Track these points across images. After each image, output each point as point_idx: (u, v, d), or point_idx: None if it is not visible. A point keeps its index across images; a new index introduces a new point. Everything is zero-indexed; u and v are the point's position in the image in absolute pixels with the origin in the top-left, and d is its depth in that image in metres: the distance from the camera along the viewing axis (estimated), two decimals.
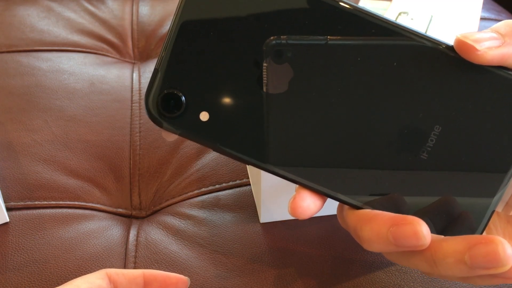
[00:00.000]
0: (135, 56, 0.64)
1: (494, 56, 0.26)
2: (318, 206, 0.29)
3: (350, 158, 0.29)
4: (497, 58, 0.27)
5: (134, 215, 0.44)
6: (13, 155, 0.45)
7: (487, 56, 0.26)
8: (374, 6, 0.68)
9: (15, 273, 0.36)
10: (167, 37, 0.28)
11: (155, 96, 0.28)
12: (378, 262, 0.37)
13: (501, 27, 0.28)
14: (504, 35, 0.27)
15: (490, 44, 0.27)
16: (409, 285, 0.35)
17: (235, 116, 0.28)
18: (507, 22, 0.28)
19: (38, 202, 0.42)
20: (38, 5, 0.67)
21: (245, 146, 0.29)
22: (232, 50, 0.28)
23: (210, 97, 0.28)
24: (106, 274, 0.29)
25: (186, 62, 0.28)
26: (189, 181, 0.45)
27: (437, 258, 0.26)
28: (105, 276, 0.29)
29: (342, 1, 0.28)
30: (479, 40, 0.27)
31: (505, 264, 0.24)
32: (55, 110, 0.50)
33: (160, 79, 0.28)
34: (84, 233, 0.40)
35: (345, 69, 0.28)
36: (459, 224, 0.29)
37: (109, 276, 0.29)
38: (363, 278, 0.36)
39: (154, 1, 0.71)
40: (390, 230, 0.26)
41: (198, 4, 0.28)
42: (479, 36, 0.27)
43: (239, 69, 0.28)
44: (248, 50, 0.28)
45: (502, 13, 0.72)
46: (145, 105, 0.29)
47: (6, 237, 0.39)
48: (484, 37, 0.27)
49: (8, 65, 0.56)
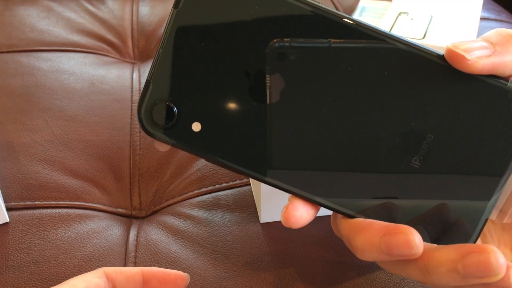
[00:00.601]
0: (135, 56, 0.64)
1: (484, 65, 0.27)
2: (311, 215, 0.29)
3: (343, 167, 0.29)
4: (487, 67, 0.27)
5: (134, 215, 0.44)
6: (13, 155, 0.45)
7: (478, 66, 0.27)
8: (374, 6, 0.68)
9: (15, 273, 0.36)
10: (158, 48, 0.28)
11: (148, 107, 0.29)
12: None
13: (492, 36, 0.28)
14: (495, 44, 0.27)
15: (481, 54, 0.27)
16: (409, 285, 0.35)
17: (227, 126, 0.29)
18: (498, 30, 0.28)
19: (38, 202, 0.42)
20: (38, 5, 0.67)
21: (237, 156, 0.29)
22: (223, 61, 0.28)
23: (202, 108, 0.29)
24: (104, 272, 0.29)
25: (177, 73, 0.28)
26: (189, 181, 0.45)
27: (430, 267, 0.26)
28: (103, 275, 0.29)
29: (335, 13, 0.28)
30: (470, 49, 0.27)
31: (497, 273, 0.24)
32: (55, 110, 0.51)
33: (151, 90, 0.28)
34: (84, 233, 0.40)
35: (337, 78, 0.28)
36: (453, 232, 0.29)
37: (107, 275, 0.29)
38: (363, 278, 0.36)
39: (154, 1, 0.71)
40: (383, 239, 0.26)
41: (189, 15, 0.28)
42: (469, 45, 0.27)
43: (229, 80, 0.28)
44: (239, 60, 0.28)
45: (502, 13, 0.72)
46: (137, 116, 0.29)
47: (6, 237, 0.39)
48: (474, 46, 0.27)
49: (8, 65, 0.56)
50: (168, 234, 0.40)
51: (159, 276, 0.30)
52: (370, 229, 0.27)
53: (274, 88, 0.28)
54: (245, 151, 0.29)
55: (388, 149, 0.28)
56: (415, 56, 0.28)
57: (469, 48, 0.27)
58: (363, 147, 0.28)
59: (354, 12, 0.67)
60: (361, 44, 0.28)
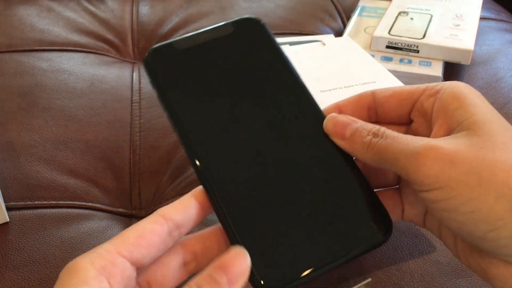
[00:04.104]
0: (135, 55, 0.64)
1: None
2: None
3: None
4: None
5: (134, 214, 0.44)
6: (13, 155, 0.45)
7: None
8: (374, 6, 0.68)
9: (15, 272, 0.36)
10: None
11: None
12: (378, 262, 0.37)
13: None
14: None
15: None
16: (408, 284, 0.35)
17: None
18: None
19: (38, 202, 0.42)
20: (38, 4, 0.67)
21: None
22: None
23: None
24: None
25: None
26: (189, 181, 0.45)
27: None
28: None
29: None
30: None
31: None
32: (55, 110, 0.51)
33: None
34: (84, 232, 0.40)
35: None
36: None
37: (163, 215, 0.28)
38: (362, 278, 0.36)
39: (154, 1, 0.71)
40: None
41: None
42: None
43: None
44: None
45: (502, 12, 0.72)
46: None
47: (6, 237, 0.39)
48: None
49: (8, 65, 0.56)
50: None
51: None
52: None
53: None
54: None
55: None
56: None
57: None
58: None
59: (354, 12, 0.67)
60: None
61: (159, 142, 0.49)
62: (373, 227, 0.29)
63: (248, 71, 0.32)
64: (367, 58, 0.49)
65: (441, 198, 0.26)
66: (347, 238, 0.29)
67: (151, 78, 0.31)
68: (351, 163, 0.31)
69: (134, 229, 0.27)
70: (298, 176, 0.30)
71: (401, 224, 0.39)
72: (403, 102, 0.32)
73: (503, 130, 0.27)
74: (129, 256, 0.26)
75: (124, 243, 0.26)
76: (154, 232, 0.27)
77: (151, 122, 0.50)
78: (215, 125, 0.30)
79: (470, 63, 0.57)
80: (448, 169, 0.26)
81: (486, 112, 0.28)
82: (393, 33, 0.58)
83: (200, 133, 0.30)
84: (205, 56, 0.32)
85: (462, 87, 0.30)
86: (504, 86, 0.55)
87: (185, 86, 0.31)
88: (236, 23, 0.33)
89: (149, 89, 0.55)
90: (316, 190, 0.29)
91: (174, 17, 0.68)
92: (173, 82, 0.31)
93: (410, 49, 0.57)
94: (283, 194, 0.29)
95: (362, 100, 0.33)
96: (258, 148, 0.30)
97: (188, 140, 0.29)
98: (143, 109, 0.52)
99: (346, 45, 0.51)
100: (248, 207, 0.28)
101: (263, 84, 0.32)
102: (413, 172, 0.27)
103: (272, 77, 0.32)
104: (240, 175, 0.29)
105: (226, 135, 0.30)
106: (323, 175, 0.30)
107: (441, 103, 0.30)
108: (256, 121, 0.31)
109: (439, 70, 0.56)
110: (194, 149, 0.29)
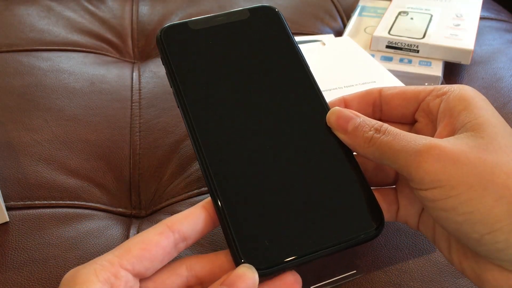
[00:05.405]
0: (135, 55, 0.64)
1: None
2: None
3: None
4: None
5: (134, 214, 0.44)
6: (13, 155, 0.45)
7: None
8: (374, 6, 0.68)
9: (15, 272, 0.36)
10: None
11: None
12: (377, 262, 0.37)
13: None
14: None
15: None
16: (408, 284, 0.35)
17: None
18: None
19: (38, 202, 0.42)
20: (38, 4, 0.67)
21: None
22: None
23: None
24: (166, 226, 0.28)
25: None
26: (189, 181, 0.45)
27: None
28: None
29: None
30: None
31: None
32: (55, 110, 0.51)
33: None
34: (84, 232, 0.40)
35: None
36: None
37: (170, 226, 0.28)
38: (362, 278, 0.36)
39: (154, 1, 0.71)
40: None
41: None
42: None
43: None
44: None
45: (502, 12, 0.72)
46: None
47: (6, 237, 0.39)
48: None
49: (8, 65, 0.56)
50: None
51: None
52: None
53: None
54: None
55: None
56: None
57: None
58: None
59: (354, 12, 0.67)
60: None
61: (159, 142, 0.49)
62: (364, 221, 0.29)
63: (259, 57, 0.33)
64: (367, 58, 0.49)
65: (440, 197, 0.26)
66: (338, 229, 0.29)
67: (162, 53, 0.31)
68: (350, 157, 0.31)
69: (139, 239, 0.27)
70: (295, 165, 0.30)
71: (401, 224, 0.39)
72: (409, 101, 0.32)
73: (507, 134, 0.28)
74: (131, 269, 0.26)
75: (128, 255, 0.26)
76: (159, 244, 0.27)
77: (151, 122, 0.50)
78: (219, 106, 0.31)
79: (470, 63, 0.57)
80: (449, 168, 0.26)
81: (491, 115, 0.28)
82: (393, 33, 0.58)
83: (203, 113, 0.30)
84: (218, 38, 0.32)
85: (469, 91, 0.30)
86: (504, 86, 0.55)
87: (194, 65, 0.31)
88: (252, 10, 0.34)
89: (149, 89, 0.55)
90: (313, 181, 0.30)
91: (174, 17, 0.68)
92: (183, 59, 0.31)
93: (410, 49, 0.57)
94: (278, 180, 0.29)
95: (369, 95, 0.33)
96: (260, 135, 0.30)
97: (190, 119, 0.30)
98: (143, 109, 0.52)
99: (346, 45, 0.51)
100: (242, 188, 0.29)
101: (272, 71, 0.32)
102: (414, 169, 0.27)
103: (281, 65, 0.33)
104: (237, 157, 0.30)
105: (229, 117, 0.31)
106: (321, 167, 0.30)
107: (447, 104, 0.30)
108: (261, 108, 0.31)
109: (439, 70, 0.56)
110: (197, 130, 0.30)
